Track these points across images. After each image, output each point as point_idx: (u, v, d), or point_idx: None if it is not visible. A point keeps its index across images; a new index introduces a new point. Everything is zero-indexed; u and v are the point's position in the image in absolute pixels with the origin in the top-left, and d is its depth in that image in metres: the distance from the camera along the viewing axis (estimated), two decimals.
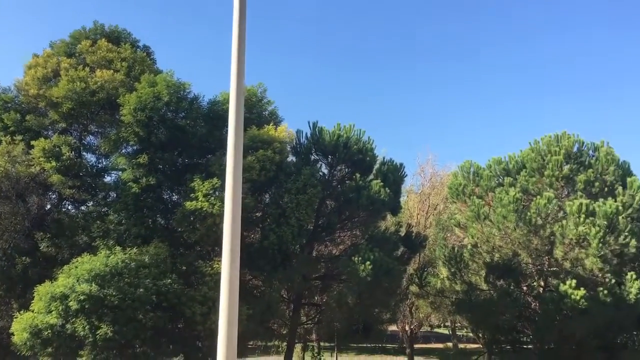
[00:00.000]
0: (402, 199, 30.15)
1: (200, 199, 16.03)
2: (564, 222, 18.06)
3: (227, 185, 5.73)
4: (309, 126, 19.63)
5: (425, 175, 33.82)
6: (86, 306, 14.12)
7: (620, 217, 17.75)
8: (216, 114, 18.44)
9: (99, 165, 19.95)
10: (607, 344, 18.61)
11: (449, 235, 25.83)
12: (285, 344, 20.10)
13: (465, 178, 21.44)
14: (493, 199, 19.61)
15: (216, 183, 15.98)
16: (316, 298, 21.39)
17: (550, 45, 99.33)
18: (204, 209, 15.80)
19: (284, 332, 19.85)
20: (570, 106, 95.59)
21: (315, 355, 27.79)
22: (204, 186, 16.30)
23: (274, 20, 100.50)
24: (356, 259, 16.59)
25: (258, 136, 17.65)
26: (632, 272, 17.95)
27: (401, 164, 20.30)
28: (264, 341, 21.99)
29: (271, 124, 18.63)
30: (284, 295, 19.82)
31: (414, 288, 21.89)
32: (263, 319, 17.38)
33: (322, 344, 29.78)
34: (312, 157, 19.68)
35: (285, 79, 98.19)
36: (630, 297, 17.53)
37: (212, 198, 15.89)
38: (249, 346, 21.74)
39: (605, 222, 17.44)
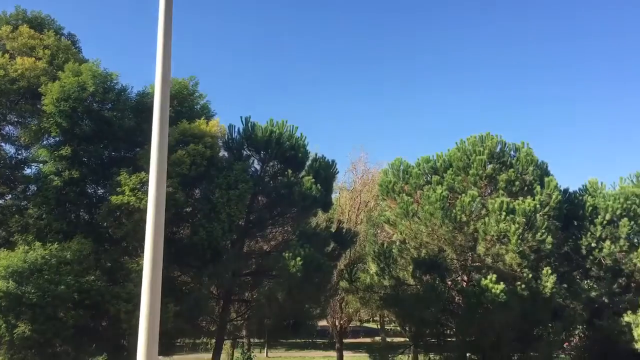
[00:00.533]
0: (334, 196, 30.48)
1: (127, 194, 15.57)
2: (487, 219, 18.85)
3: (150, 179, 5.61)
4: (242, 121, 19.49)
5: (357, 173, 34.35)
6: (2, 304, 13.43)
7: (537, 215, 18.71)
8: (145, 106, 17.91)
9: (19, 157, 18.90)
10: (523, 335, 19.57)
11: (379, 231, 26.35)
12: (214, 341, 19.86)
13: (395, 176, 21.93)
14: (421, 196, 20.17)
15: (144, 177, 15.55)
16: (246, 294, 21.25)
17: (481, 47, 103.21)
18: (131, 203, 15.37)
19: (213, 329, 19.61)
20: (496, 107, 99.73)
21: (245, 351, 27.65)
22: (131, 180, 15.84)
23: (211, 15, 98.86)
24: (287, 254, 16.62)
25: (189, 130, 17.32)
26: (548, 267, 18.98)
27: (333, 161, 20.53)
28: (192, 338, 21.62)
29: (203, 119, 18.31)
30: (214, 292, 19.59)
31: (344, 284, 22.20)
32: (191, 316, 17.10)
33: (252, 340, 29.66)
34: (245, 153, 19.53)
35: (220, 74, 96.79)
36: (546, 290, 18.54)
37: (140, 193, 15.46)
38: (177, 344, 21.31)
39: (524, 220, 18.34)
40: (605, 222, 20.33)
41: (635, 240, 20.72)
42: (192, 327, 18.12)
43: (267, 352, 39.27)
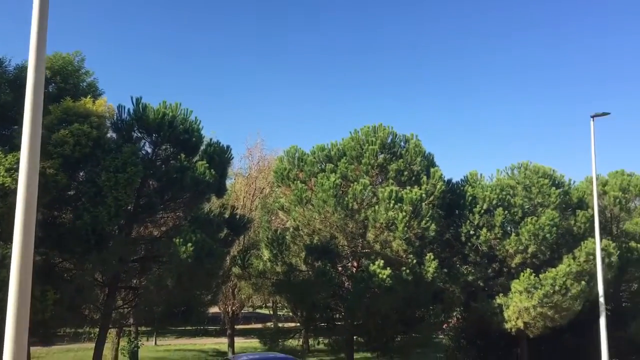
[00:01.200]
0: (229, 182, 30.13)
1: (1, 174, 14.41)
2: (377, 207, 19.57)
3: (22, 158, 5.24)
4: (132, 102, 18.61)
5: (253, 159, 34.17)
6: None
7: (423, 204, 19.72)
8: (24, 81, 16.60)
9: None
10: (406, 318, 20.63)
11: (273, 218, 26.46)
12: (98, 329, 19.01)
13: (291, 163, 22.13)
14: (315, 184, 20.52)
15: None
16: (134, 281, 20.50)
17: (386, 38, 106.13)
18: (6, 184, 14.23)
19: (97, 317, 18.75)
20: (390, 98, 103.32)
21: (132, 340, 26.73)
22: (6, 160, 14.65)
23: None
24: (178, 240, 16.21)
25: (73, 109, 16.29)
26: (431, 253, 20.11)
27: (228, 146, 20.23)
28: (74, 328, 20.56)
29: (89, 97, 17.31)
30: (99, 279, 18.69)
31: (236, 270, 22.05)
32: (73, 304, 16.22)
33: (140, 328, 28.72)
34: (135, 135, 18.68)
35: (112, 51, 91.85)
36: (428, 275, 19.63)
37: (16, 173, 14.36)
38: (58, 333, 20.18)
39: (410, 208, 19.25)
40: (482, 211, 21.85)
41: (509, 228, 22.47)
42: (74, 315, 17.19)
43: (155, 340, 38.24)
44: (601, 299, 20.54)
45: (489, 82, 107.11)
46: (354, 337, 21.95)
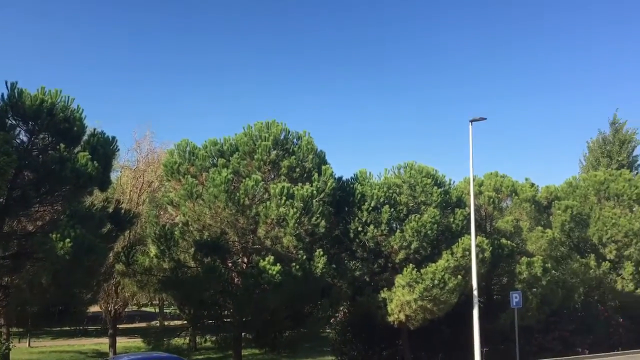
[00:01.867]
0: (115, 175, 28.77)
1: None
2: (268, 203, 19.60)
3: None
4: (6, 86, 17.13)
5: (142, 151, 32.77)
6: None
7: (314, 201, 20.03)
8: None
9: None
10: (295, 313, 20.87)
11: (161, 213, 25.61)
12: None
13: (181, 157, 21.54)
14: (207, 178, 20.15)
15: None
16: (5, 279, 18.94)
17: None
18: None
19: None
20: (284, 95, 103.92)
21: (2, 342, 24.68)
22: None
23: None
24: (54, 236, 15.15)
25: None
26: (320, 249, 20.48)
27: (114, 137, 19.23)
28: None
29: None
30: None
31: (120, 267, 21.08)
32: None
33: (11, 329, 26.62)
34: (9, 122, 17.16)
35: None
36: (317, 271, 19.99)
37: None
38: None
39: (301, 205, 19.49)
40: (370, 208, 22.62)
41: (394, 225, 23.44)
42: None
43: (29, 342, 35.61)
44: (475, 292, 22.09)
45: (377, 86, 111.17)
46: (242, 334, 21.85)
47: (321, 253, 20.27)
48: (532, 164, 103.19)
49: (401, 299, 21.71)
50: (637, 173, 41.05)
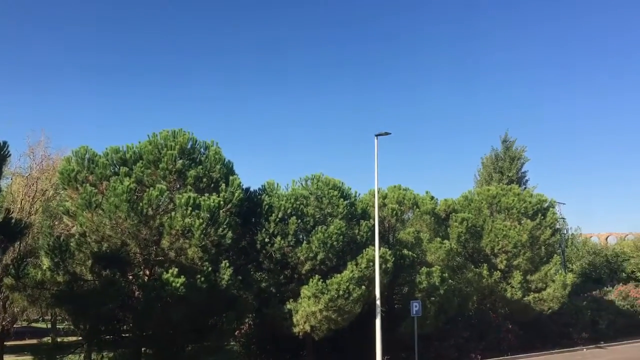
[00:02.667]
0: (5, 182, 26.88)
1: None
2: (173, 213, 19.09)
3: None
4: None
5: (36, 158, 30.76)
6: None
7: (221, 211, 19.78)
8: None
9: None
10: (199, 326, 20.38)
11: (56, 223, 24.21)
12: None
13: (80, 164, 20.47)
14: (107, 187, 19.30)
15: None
16: None
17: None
18: None
19: None
20: (187, 104, 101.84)
21: None
22: None
23: None
24: None
25: None
26: (226, 261, 20.21)
27: (5, 142, 17.91)
28: None
29: None
30: None
31: (9, 280, 19.59)
32: None
33: None
34: None
35: None
36: (223, 283, 19.70)
37: None
38: None
39: (208, 215, 19.16)
40: (277, 219, 22.68)
41: (301, 236, 23.65)
42: None
43: None
44: (377, 302, 22.75)
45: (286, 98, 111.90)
46: (142, 349, 21.02)
47: (227, 264, 20.00)
48: (432, 178, 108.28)
49: (307, 310, 21.88)
50: (525, 188, 44.06)
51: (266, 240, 22.60)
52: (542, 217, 32.30)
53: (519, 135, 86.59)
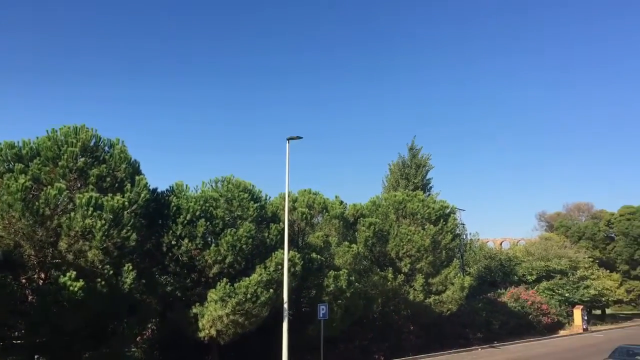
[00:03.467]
0: None
1: None
2: (72, 214, 18.15)
3: None
4: None
5: None
6: None
7: (125, 212, 19.05)
8: None
9: None
10: (98, 331, 19.47)
11: None
12: None
13: None
14: (0, 185, 18.02)
15: None
16: None
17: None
18: None
19: None
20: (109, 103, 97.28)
21: None
22: None
23: None
24: None
25: None
26: (130, 264, 19.45)
27: None
28: None
29: None
30: None
31: None
32: None
33: None
34: None
35: None
36: (125, 286, 18.97)
37: None
38: None
39: (111, 216, 18.41)
40: (186, 221, 22.16)
41: (210, 239, 23.23)
42: None
43: None
44: (285, 305, 22.81)
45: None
46: (36, 357, 19.74)
47: (130, 268, 19.28)
48: (343, 183, 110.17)
49: (213, 314, 21.52)
50: (429, 194, 45.90)
51: (173, 242, 22.00)
52: (444, 223, 33.83)
53: (425, 142, 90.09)
